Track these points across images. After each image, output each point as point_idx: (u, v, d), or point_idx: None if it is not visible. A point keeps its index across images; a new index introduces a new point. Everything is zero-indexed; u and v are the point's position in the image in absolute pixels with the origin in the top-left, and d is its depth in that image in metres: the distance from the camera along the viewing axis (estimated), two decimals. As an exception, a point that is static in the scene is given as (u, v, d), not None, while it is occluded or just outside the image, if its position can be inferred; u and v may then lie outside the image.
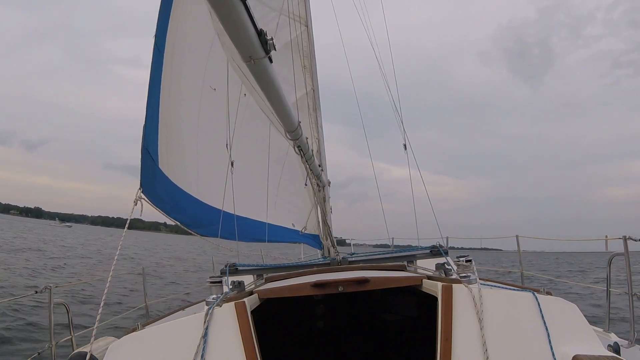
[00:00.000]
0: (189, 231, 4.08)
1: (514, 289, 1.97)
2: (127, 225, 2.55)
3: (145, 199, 2.95)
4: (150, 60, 3.46)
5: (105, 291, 2.11)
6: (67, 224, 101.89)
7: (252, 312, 1.77)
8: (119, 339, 1.78)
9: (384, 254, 3.52)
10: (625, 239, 3.14)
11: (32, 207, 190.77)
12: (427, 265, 2.89)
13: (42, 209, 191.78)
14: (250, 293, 2.08)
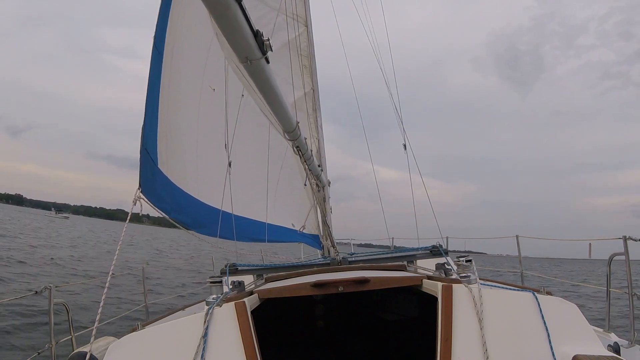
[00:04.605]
0: (189, 231, 4.08)
1: (514, 289, 1.97)
2: (127, 222, 2.57)
3: (144, 198, 2.96)
4: (150, 61, 3.46)
5: (105, 290, 2.11)
6: (64, 214, 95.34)
7: (252, 312, 1.76)
8: (119, 339, 1.78)
9: (384, 254, 3.51)
10: (625, 239, 3.14)
11: (13, 193, 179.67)
12: (427, 265, 2.89)
13: (24, 196, 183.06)
14: (250, 293, 2.07)
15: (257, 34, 1.84)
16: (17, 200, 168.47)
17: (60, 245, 22.30)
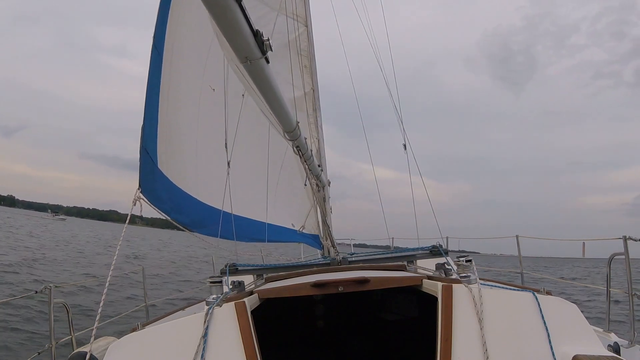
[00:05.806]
0: (189, 231, 4.08)
1: (514, 289, 1.97)
2: (126, 223, 2.57)
3: (144, 199, 2.96)
4: (149, 61, 3.46)
5: (105, 291, 2.11)
6: (61, 216, 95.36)
7: (252, 312, 1.77)
8: (119, 339, 1.78)
9: (384, 253, 3.51)
10: (625, 239, 3.14)
11: (5, 195, 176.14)
12: (427, 265, 2.89)
13: (16, 197, 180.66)
14: (250, 293, 2.07)
15: (256, 34, 1.84)
16: (9, 201, 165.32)
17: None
